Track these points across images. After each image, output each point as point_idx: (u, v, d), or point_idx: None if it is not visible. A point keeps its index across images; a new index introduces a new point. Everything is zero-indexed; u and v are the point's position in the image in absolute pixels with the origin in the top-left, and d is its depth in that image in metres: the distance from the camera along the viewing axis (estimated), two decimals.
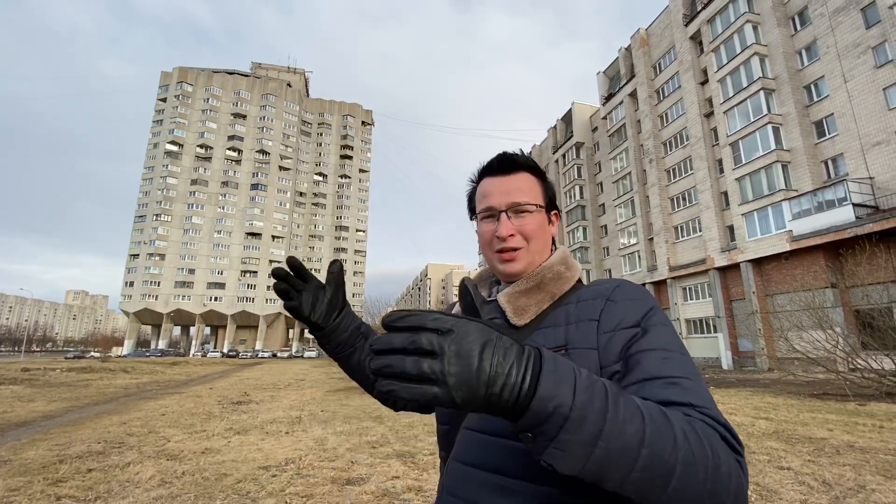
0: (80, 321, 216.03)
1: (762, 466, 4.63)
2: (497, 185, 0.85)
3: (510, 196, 0.83)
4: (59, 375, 21.27)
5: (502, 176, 0.86)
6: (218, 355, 64.05)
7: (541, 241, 0.84)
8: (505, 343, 0.47)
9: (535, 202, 0.84)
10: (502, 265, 0.83)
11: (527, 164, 0.87)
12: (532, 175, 0.87)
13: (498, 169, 0.87)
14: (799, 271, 23.12)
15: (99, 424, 8.15)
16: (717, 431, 0.54)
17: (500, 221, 0.82)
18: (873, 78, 21.22)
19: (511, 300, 0.80)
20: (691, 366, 0.65)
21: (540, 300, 0.79)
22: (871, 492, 3.79)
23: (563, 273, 0.83)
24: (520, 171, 0.86)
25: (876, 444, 5.53)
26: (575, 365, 0.50)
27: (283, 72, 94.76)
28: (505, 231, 0.81)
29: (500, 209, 0.83)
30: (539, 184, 0.87)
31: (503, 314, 0.80)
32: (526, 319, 0.78)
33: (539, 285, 0.81)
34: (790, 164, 24.46)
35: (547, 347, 0.67)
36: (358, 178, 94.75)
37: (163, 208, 74.40)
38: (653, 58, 36.84)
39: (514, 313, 0.79)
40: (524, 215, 0.83)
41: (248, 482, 4.43)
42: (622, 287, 0.75)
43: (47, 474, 4.75)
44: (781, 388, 13.39)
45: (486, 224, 0.85)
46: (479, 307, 0.80)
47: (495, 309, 0.83)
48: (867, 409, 8.66)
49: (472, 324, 0.46)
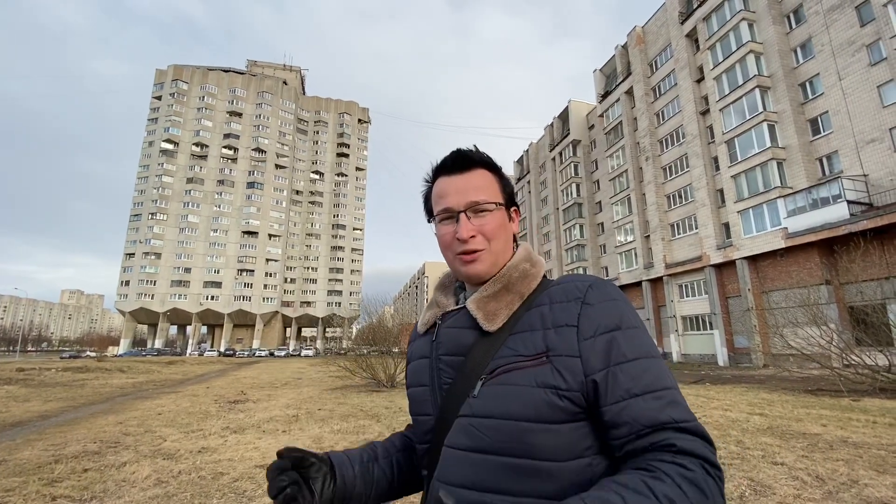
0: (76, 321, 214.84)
1: (756, 462, 4.66)
2: (453, 185, 0.81)
3: (468, 195, 0.80)
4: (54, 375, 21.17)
5: (458, 174, 0.82)
6: (215, 354, 63.92)
7: (502, 240, 0.81)
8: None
9: (493, 200, 0.81)
10: (464, 267, 0.80)
11: (483, 160, 0.84)
12: (489, 171, 0.84)
13: (452, 167, 0.83)
14: (794, 268, 23.25)
15: (95, 424, 8.13)
16: (698, 467, 0.60)
17: (460, 222, 0.79)
18: (867, 76, 21.33)
19: (480, 306, 0.77)
20: (665, 371, 0.69)
21: (510, 302, 0.77)
22: (864, 486, 3.83)
23: (528, 270, 0.81)
24: (476, 168, 0.83)
25: (869, 440, 5.58)
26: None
27: (278, 69, 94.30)
28: (465, 232, 0.78)
29: (458, 209, 0.79)
30: (497, 180, 0.84)
31: (474, 321, 0.77)
32: (498, 324, 0.75)
33: (507, 286, 0.78)
34: (785, 161, 24.57)
35: (527, 354, 0.70)
36: (355, 176, 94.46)
37: (158, 207, 74.01)
38: (649, 55, 36.89)
39: (485, 319, 0.75)
40: (484, 214, 0.80)
41: (244, 481, 4.43)
42: (595, 288, 0.73)
43: (42, 474, 4.73)
44: (776, 385, 13.48)
45: (445, 226, 0.81)
46: (439, 320, 0.83)
47: (465, 316, 0.79)
48: (861, 405, 8.73)
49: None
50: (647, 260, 35.60)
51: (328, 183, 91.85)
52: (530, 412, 0.66)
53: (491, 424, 0.68)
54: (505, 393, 0.68)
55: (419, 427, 0.82)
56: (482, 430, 0.68)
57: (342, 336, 45.71)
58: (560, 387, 0.66)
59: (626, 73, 39.52)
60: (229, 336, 75.29)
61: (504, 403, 0.68)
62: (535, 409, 0.66)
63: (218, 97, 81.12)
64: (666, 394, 0.66)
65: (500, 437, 0.66)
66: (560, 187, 49.21)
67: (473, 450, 0.68)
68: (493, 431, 0.67)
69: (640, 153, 37.30)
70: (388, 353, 16.53)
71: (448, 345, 0.79)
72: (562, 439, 0.66)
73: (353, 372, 15.95)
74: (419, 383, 0.83)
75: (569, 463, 0.66)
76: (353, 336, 42.98)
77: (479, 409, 0.70)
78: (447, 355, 0.79)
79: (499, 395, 0.69)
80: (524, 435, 0.65)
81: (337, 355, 20.19)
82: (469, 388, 0.72)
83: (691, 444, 0.62)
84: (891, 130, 20.35)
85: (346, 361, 16.91)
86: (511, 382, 0.68)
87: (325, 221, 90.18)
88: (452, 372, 0.77)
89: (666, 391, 0.66)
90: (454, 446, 0.71)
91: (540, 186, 55.96)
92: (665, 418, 0.63)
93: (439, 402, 0.77)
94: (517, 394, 0.67)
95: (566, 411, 0.66)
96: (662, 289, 33.52)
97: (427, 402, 0.80)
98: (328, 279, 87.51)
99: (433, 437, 0.77)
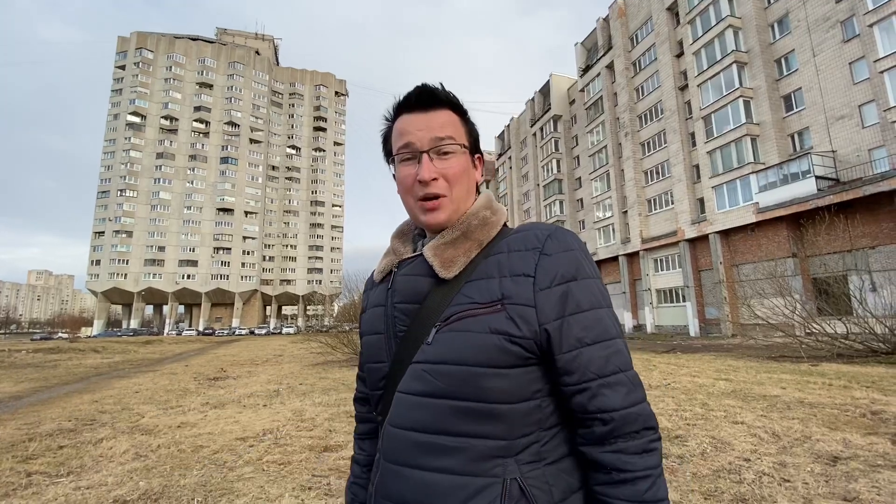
0: (45, 302, 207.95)
1: (718, 422, 4.93)
2: (416, 122, 0.77)
3: (431, 132, 0.76)
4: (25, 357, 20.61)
5: (422, 112, 0.77)
6: (193, 333, 63.08)
7: (464, 187, 0.78)
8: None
9: (459, 141, 0.77)
10: (424, 216, 0.77)
11: (449, 99, 0.79)
12: (455, 113, 0.80)
13: (416, 104, 0.78)
14: (763, 242, 24.08)
15: (69, 403, 8.00)
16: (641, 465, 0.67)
17: (422, 163, 0.75)
18: (840, 52, 21.71)
19: (437, 253, 0.75)
20: (613, 321, 0.73)
21: (468, 249, 0.76)
22: (816, 441, 4.10)
23: (488, 218, 0.79)
24: (441, 107, 0.78)
25: (824, 400, 5.95)
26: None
27: (250, 39, 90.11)
28: (427, 174, 0.74)
29: (421, 149, 0.76)
30: (462, 123, 0.80)
31: (430, 269, 0.75)
32: (455, 271, 0.74)
33: (465, 234, 0.77)
34: (759, 137, 25.08)
35: (482, 301, 0.70)
36: (333, 151, 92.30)
37: (127, 183, 71.12)
38: (630, 29, 36.63)
39: (441, 266, 0.74)
40: (448, 157, 0.76)
41: (225, 453, 4.46)
42: (553, 238, 0.73)
43: (17, 452, 4.67)
44: (743, 352, 14.13)
45: (406, 167, 0.77)
46: (395, 267, 0.82)
47: (421, 263, 0.77)
48: (819, 370, 9.24)
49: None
50: (625, 235, 36.28)
51: (305, 158, 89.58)
52: (482, 357, 0.67)
53: (443, 370, 0.69)
54: (458, 339, 0.69)
55: (372, 374, 0.82)
56: (435, 375, 0.69)
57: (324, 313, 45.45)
58: (513, 333, 0.68)
59: (607, 47, 39.23)
60: (208, 315, 74.20)
61: (457, 349, 0.69)
62: (486, 355, 0.67)
63: (186, 67, 77.35)
64: (612, 343, 0.71)
65: (452, 381, 0.68)
66: (540, 163, 49.24)
67: (426, 394, 0.70)
68: (445, 377, 0.68)
69: (619, 129, 37.46)
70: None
71: (403, 292, 0.78)
72: (512, 383, 0.68)
73: (335, 347, 15.99)
74: (374, 331, 0.83)
75: (518, 405, 0.68)
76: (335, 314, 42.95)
77: (432, 356, 0.70)
78: (402, 303, 0.78)
79: (452, 341, 0.69)
80: (476, 379, 0.67)
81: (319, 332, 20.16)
82: (423, 335, 0.73)
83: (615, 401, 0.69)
84: (860, 107, 20.90)
85: (328, 338, 16.93)
86: (465, 329, 0.69)
87: (303, 198, 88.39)
88: (407, 319, 0.77)
89: (612, 341, 0.71)
90: (407, 391, 0.72)
91: (521, 162, 55.86)
92: (611, 368, 0.69)
93: (394, 350, 0.78)
94: (470, 340, 0.68)
95: (517, 356, 0.68)
96: (638, 263, 34.35)
97: (382, 349, 0.80)
98: (308, 257, 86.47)
99: (386, 384, 0.78)
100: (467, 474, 0.66)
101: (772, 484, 3.17)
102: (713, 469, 3.51)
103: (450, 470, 0.66)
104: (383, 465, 0.73)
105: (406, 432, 0.70)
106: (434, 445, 0.68)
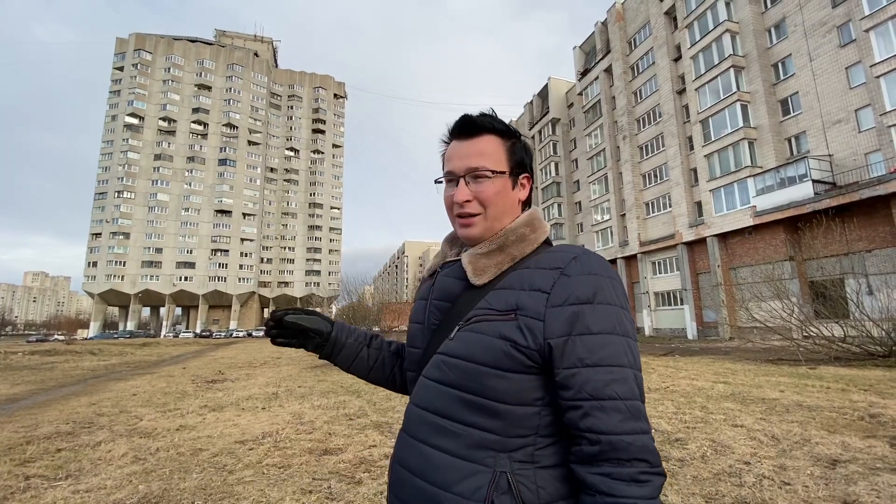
0: (41, 303, 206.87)
1: (718, 425, 4.94)
2: (458, 150, 0.86)
3: (468, 161, 0.84)
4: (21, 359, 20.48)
5: (464, 140, 0.87)
6: (190, 336, 62.79)
7: (499, 207, 0.85)
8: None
9: (493, 168, 0.84)
10: (460, 230, 0.88)
11: (491, 126, 0.87)
12: (497, 137, 0.87)
13: (460, 132, 0.88)
14: (761, 245, 24.17)
15: (67, 406, 7.95)
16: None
17: (458, 187, 0.85)
18: (837, 57, 21.86)
19: (472, 261, 0.84)
20: (626, 350, 0.73)
21: (500, 262, 0.83)
22: (815, 444, 4.11)
23: (527, 235, 0.85)
24: (482, 134, 0.86)
25: (822, 403, 5.96)
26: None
27: (249, 41, 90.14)
28: (460, 197, 0.84)
29: (458, 174, 0.85)
30: (504, 147, 0.87)
31: (464, 274, 0.85)
32: (485, 279, 0.82)
33: (501, 247, 0.84)
34: (756, 141, 25.21)
35: (499, 309, 0.76)
36: (331, 153, 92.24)
37: (125, 185, 70.91)
38: (628, 33, 36.81)
39: (473, 273, 0.83)
40: (482, 181, 0.84)
41: (224, 456, 4.45)
42: (578, 260, 0.77)
43: (14, 455, 4.63)
44: (740, 355, 14.16)
45: (448, 189, 0.88)
46: (439, 268, 0.94)
47: (459, 268, 0.87)
48: (817, 373, 9.27)
49: None
50: (623, 238, 36.37)
51: (304, 160, 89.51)
52: (488, 358, 0.74)
53: (456, 363, 0.77)
54: (472, 339, 0.77)
55: (410, 357, 0.94)
56: (449, 366, 0.78)
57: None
58: (518, 342, 0.73)
59: (605, 51, 39.42)
60: (205, 317, 73.94)
61: (469, 347, 0.76)
62: (492, 356, 0.74)
63: (185, 69, 77.29)
64: (617, 371, 0.71)
65: (461, 374, 0.76)
66: (539, 166, 49.36)
67: (440, 381, 0.79)
68: (456, 369, 0.77)
69: (617, 132, 37.60)
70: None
71: (440, 291, 0.90)
72: (512, 385, 0.74)
73: None
74: (416, 321, 0.94)
75: (517, 407, 0.74)
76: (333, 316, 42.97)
77: (451, 350, 0.79)
78: (438, 300, 0.89)
79: (468, 340, 0.77)
80: (480, 376, 0.74)
81: None
82: (449, 331, 0.82)
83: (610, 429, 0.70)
84: (856, 112, 21.05)
85: None
86: (479, 331, 0.77)
87: (301, 200, 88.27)
88: (440, 315, 0.87)
89: (618, 368, 0.71)
90: (427, 377, 0.82)
91: None
92: (609, 393, 0.69)
93: (428, 339, 0.88)
94: (481, 341, 0.76)
95: (520, 363, 0.73)
96: (637, 266, 34.42)
97: (419, 337, 0.91)
98: (306, 259, 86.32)
99: (417, 367, 0.88)
100: (462, 458, 0.73)
101: (772, 487, 3.17)
102: (714, 472, 3.52)
103: (448, 450, 0.75)
104: (402, 435, 0.84)
105: (421, 411, 0.80)
106: (440, 427, 0.77)
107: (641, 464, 0.67)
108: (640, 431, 0.69)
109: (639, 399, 0.71)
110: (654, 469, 0.68)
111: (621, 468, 0.67)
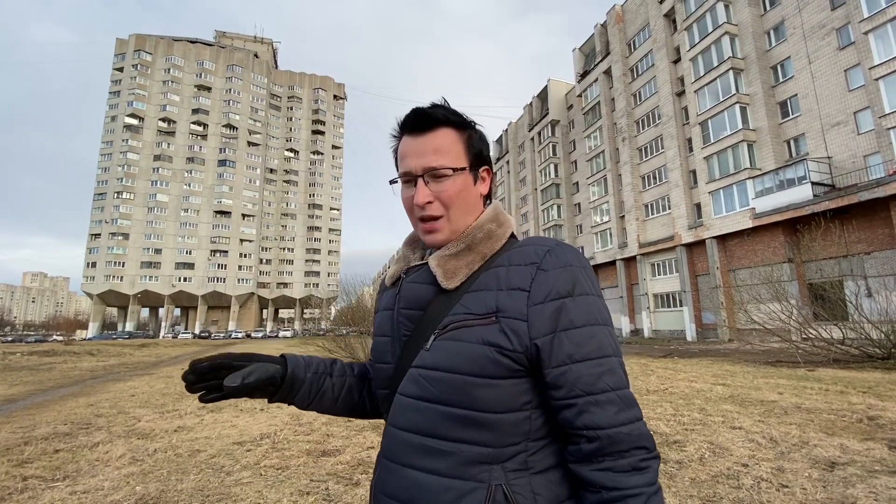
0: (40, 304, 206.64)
1: (717, 427, 4.94)
2: (413, 147, 0.79)
3: (425, 159, 0.78)
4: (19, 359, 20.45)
5: (418, 135, 0.79)
6: (189, 337, 62.78)
7: (462, 207, 0.80)
8: None
9: (453, 165, 0.78)
10: (424, 236, 0.81)
11: (446, 118, 0.79)
12: (453, 130, 0.80)
13: (413, 127, 0.80)
14: (760, 247, 24.19)
15: (65, 406, 7.94)
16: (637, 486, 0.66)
17: (417, 188, 0.78)
18: (836, 59, 21.91)
19: (441, 263, 0.78)
20: (609, 339, 0.72)
21: (470, 262, 0.77)
22: (813, 447, 4.11)
23: (494, 231, 0.80)
24: (438, 127, 0.79)
25: (821, 405, 5.96)
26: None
27: (249, 41, 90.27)
28: (421, 199, 0.77)
29: (416, 174, 0.78)
30: (461, 139, 0.80)
31: (434, 278, 0.78)
32: (456, 282, 0.76)
33: (470, 247, 0.78)
34: (755, 143, 25.25)
35: (477, 313, 0.72)
36: (331, 154, 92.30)
37: (124, 185, 70.92)
38: (628, 35, 36.89)
39: (444, 277, 0.76)
40: (442, 180, 0.78)
41: (222, 457, 4.44)
42: (552, 253, 0.74)
43: (12, 456, 4.62)
44: (739, 357, 14.16)
45: (406, 189, 0.81)
46: (403, 273, 0.85)
47: (427, 272, 0.80)
48: (815, 375, 9.27)
49: None
50: (622, 240, 36.39)
51: (303, 161, 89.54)
52: (473, 367, 0.69)
53: (437, 377, 0.71)
54: (453, 348, 0.71)
55: (379, 374, 0.85)
56: (430, 381, 0.72)
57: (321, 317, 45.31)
58: (504, 346, 0.69)
59: (605, 53, 39.49)
60: (204, 318, 73.87)
61: (451, 357, 0.71)
62: (478, 365, 0.69)
63: (185, 70, 77.36)
64: (605, 361, 0.70)
65: (445, 388, 0.70)
66: (538, 168, 49.41)
67: (420, 398, 0.72)
68: (438, 383, 0.71)
69: (616, 134, 37.66)
70: (367, 332, 16.55)
71: (408, 299, 0.81)
72: (502, 393, 0.70)
73: (332, 351, 15.95)
74: (382, 333, 0.86)
75: (507, 415, 0.70)
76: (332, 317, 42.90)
77: (428, 362, 0.73)
78: (407, 308, 0.81)
79: (447, 349, 0.72)
80: (467, 388, 0.69)
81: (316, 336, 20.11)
82: (423, 341, 0.75)
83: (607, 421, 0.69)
84: (855, 114, 21.09)
85: (325, 341, 16.87)
86: (459, 338, 0.71)
87: (300, 201, 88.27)
88: (411, 325, 0.80)
89: (606, 359, 0.70)
90: (405, 394, 0.75)
91: (519, 167, 56.04)
92: (601, 386, 0.68)
93: (398, 353, 0.81)
94: (464, 349, 0.70)
95: (507, 368, 0.70)
96: (636, 267, 34.43)
97: (388, 351, 0.83)
98: (305, 260, 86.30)
99: (390, 384, 0.81)
100: (455, 477, 0.68)
101: (770, 489, 3.17)
102: (712, 474, 3.51)
103: (439, 472, 0.69)
104: (382, 461, 0.76)
105: (402, 433, 0.73)
106: (426, 447, 0.70)
107: (640, 451, 0.67)
108: (635, 419, 0.69)
109: (627, 386, 0.71)
110: (652, 454, 0.68)
111: (621, 459, 0.66)
